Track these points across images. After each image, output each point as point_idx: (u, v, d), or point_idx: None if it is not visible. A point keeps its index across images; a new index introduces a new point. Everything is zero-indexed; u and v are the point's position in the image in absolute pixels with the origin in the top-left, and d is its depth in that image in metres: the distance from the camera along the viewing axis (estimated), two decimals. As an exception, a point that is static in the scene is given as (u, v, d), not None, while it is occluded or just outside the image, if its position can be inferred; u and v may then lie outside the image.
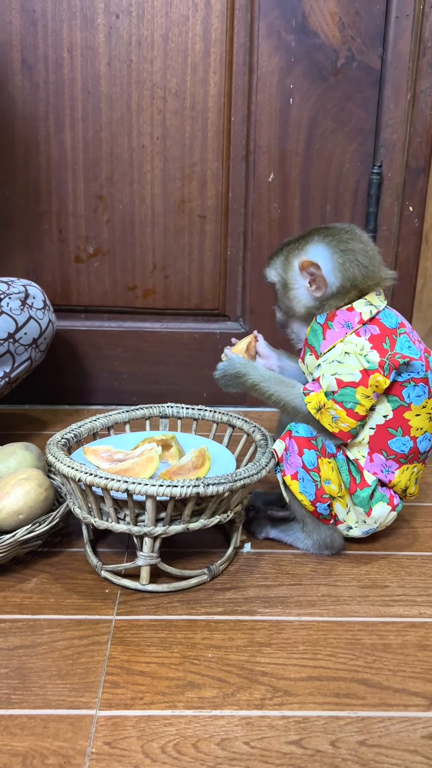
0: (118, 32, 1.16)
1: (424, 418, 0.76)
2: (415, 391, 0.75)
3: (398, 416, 0.75)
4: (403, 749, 0.53)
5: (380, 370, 0.72)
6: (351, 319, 0.75)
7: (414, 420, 0.75)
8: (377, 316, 0.75)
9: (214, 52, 1.17)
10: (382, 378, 0.72)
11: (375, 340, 0.73)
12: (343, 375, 0.73)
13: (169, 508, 0.68)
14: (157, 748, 0.52)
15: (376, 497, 0.77)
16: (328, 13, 1.15)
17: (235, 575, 0.76)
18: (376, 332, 0.74)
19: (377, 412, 0.75)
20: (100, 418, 0.88)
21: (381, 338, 0.74)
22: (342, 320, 0.75)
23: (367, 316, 0.74)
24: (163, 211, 1.25)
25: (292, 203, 1.24)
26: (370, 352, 0.73)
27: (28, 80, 1.18)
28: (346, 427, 0.74)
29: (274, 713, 0.56)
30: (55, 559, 0.79)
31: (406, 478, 0.78)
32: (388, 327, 0.75)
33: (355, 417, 0.73)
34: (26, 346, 1.02)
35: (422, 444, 0.77)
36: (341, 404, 0.73)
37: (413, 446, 0.76)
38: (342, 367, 0.73)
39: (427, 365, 0.76)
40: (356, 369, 0.73)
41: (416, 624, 0.68)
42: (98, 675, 0.60)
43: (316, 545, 0.80)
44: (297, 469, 0.76)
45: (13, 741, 0.53)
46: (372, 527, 0.79)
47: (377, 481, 0.77)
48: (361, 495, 0.76)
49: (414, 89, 1.18)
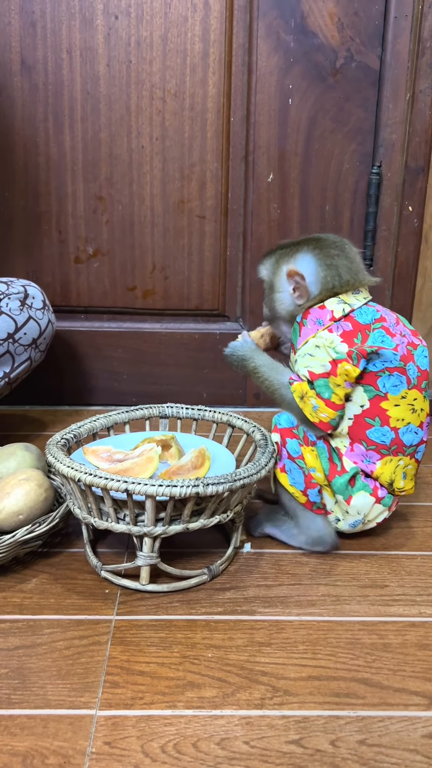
0: (117, 33, 1.16)
1: (404, 409, 0.77)
2: (391, 381, 0.76)
3: (375, 406, 0.76)
4: (403, 748, 0.53)
5: (348, 359, 0.75)
6: (322, 316, 0.78)
7: (393, 410, 0.76)
8: (351, 314, 0.77)
9: (213, 53, 1.17)
10: (350, 366, 0.74)
11: (346, 336, 0.76)
12: (315, 367, 0.76)
13: (168, 508, 0.68)
14: (156, 748, 0.52)
15: (358, 486, 0.78)
16: (327, 14, 1.15)
17: (235, 575, 0.76)
18: (349, 328, 0.76)
19: (354, 402, 0.77)
20: (99, 418, 0.88)
21: (353, 334, 0.76)
22: (314, 318, 0.78)
23: (339, 313, 0.77)
24: (163, 211, 1.25)
25: (291, 203, 1.24)
26: (339, 344, 0.75)
27: (27, 81, 1.18)
28: (326, 417, 0.76)
29: (274, 713, 0.56)
30: (55, 559, 0.79)
31: (389, 470, 0.78)
32: (362, 323, 0.77)
33: (333, 407, 0.76)
34: (26, 346, 1.02)
35: (406, 436, 0.77)
36: (319, 395, 0.76)
37: (395, 437, 0.77)
38: (313, 360, 0.76)
39: (409, 357, 0.77)
40: (326, 360, 0.75)
41: (416, 623, 0.68)
42: (98, 675, 0.60)
43: (309, 541, 0.81)
44: (284, 461, 0.78)
45: (13, 741, 0.53)
46: (357, 519, 0.80)
47: (358, 469, 0.78)
48: (339, 481, 0.78)
49: (413, 89, 1.18)
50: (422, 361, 0.78)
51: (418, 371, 0.77)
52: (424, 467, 1.08)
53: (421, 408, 0.78)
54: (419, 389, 0.78)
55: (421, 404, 0.78)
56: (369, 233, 1.24)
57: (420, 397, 0.78)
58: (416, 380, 0.77)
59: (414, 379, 0.77)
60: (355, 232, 1.25)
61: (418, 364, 0.78)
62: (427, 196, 1.24)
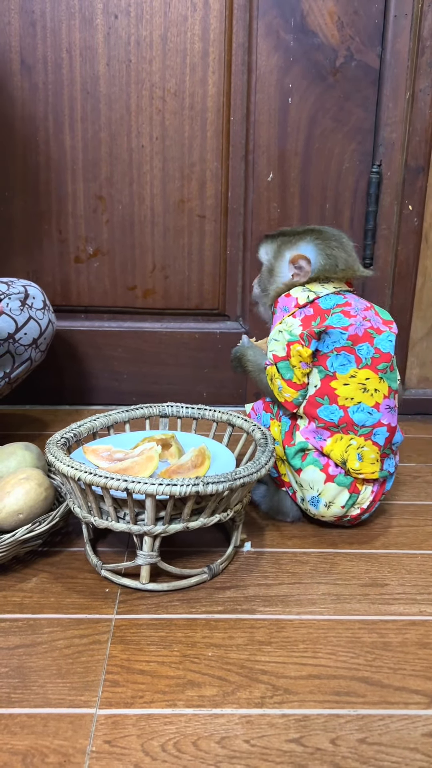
0: (117, 32, 1.16)
1: (354, 388, 0.79)
2: (338, 360, 0.79)
3: (325, 385, 0.80)
4: (403, 747, 0.53)
5: (300, 340, 0.79)
6: (288, 303, 0.84)
7: (341, 389, 0.79)
8: (316, 301, 0.82)
9: (213, 52, 1.17)
10: (301, 347, 0.79)
11: (306, 320, 0.81)
12: (278, 351, 0.81)
13: (168, 506, 0.68)
14: (157, 747, 0.52)
15: (308, 460, 0.81)
16: (326, 13, 1.15)
17: (235, 574, 0.76)
18: (310, 313, 0.81)
19: (310, 384, 0.81)
20: (99, 417, 0.88)
21: (313, 318, 0.81)
22: (282, 305, 0.85)
23: (303, 300, 0.82)
24: (163, 211, 1.25)
25: (291, 203, 1.24)
26: (296, 328, 0.80)
27: (27, 81, 1.18)
28: (289, 396, 0.81)
29: (274, 711, 0.56)
30: (56, 558, 0.79)
31: (340, 448, 0.79)
32: (323, 308, 0.81)
33: (294, 387, 0.81)
34: (26, 346, 1.02)
35: (357, 416, 0.79)
36: (281, 376, 0.81)
37: (344, 416, 0.79)
38: (276, 345, 0.81)
39: (364, 339, 0.79)
40: (284, 343, 0.81)
41: (416, 622, 0.68)
42: (98, 674, 0.60)
43: (271, 508, 0.89)
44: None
45: (14, 740, 0.53)
46: (313, 494, 0.81)
47: (307, 444, 0.81)
48: (289, 451, 0.82)
49: (413, 88, 1.18)
50: (384, 345, 0.80)
51: (375, 353, 0.79)
52: (424, 466, 1.08)
53: (375, 388, 0.80)
54: (373, 369, 0.80)
55: (375, 385, 0.80)
56: (369, 232, 1.24)
57: (374, 377, 0.80)
58: (369, 360, 0.79)
59: (366, 359, 0.79)
60: (355, 231, 1.25)
61: (378, 347, 0.80)
62: (427, 195, 1.24)
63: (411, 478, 1.03)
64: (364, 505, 0.82)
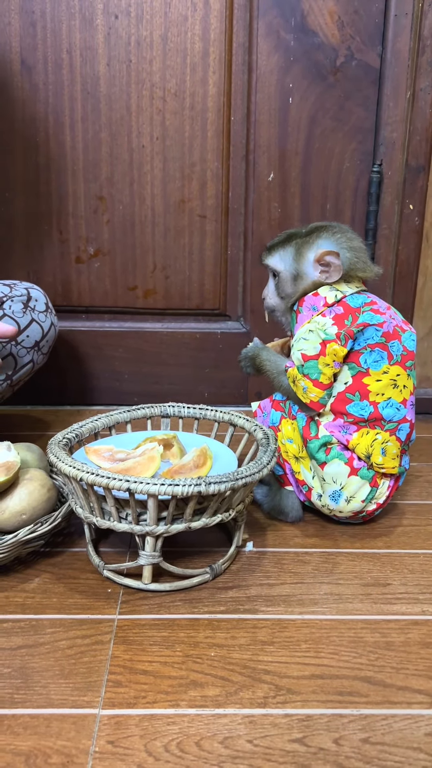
0: (117, 33, 1.16)
1: (386, 384, 0.80)
2: (372, 357, 0.80)
3: (357, 382, 0.80)
4: (406, 747, 0.53)
5: (337, 339, 0.79)
6: (316, 302, 0.82)
7: (373, 385, 0.80)
8: (344, 299, 0.81)
9: (213, 52, 1.17)
10: (338, 346, 0.78)
11: (338, 318, 0.80)
12: (308, 350, 0.80)
13: (170, 507, 0.68)
14: (160, 747, 0.52)
15: (332, 454, 0.81)
16: (327, 12, 1.15)
17: (238, 574, 0.76)
18: (340, 312, 0.80)
19: (339, 381, 0.81)
20: (101, 417, 0.88)
21: (344, 316, 0.80)
22: (309, 304, 0.83)
23: (331, 299, 0.81)
24: (164, 211, 1.25)
25: (292, 202, 1.24)
26: (330, 327, 0.79)
27: (27, 81, 1.18)
28: (315, 396, 0.80)
29: (277, 711, 0.56)
30: (58, 559, 0.79)
31: (366, 442, 0.80)
32: (353, 306, 0.81)
33: (321, 387, 0.80)
34: (28, 348, 1.02)
35: (386, 411, 0.80)
36: (308, 376, 0.80)
37: (374, 411, 0.80)
38: (306, 344, 0.80)
39: (395, 336, 0.80)
40: (317, 342, 0.79)
41: (419, 622, 0.68)
42: (101, 674, 0.60)
43: (272, 508, 0.88)
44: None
45: (17, 740, 0.53)
46: (335, 488, 0.81)
47: (332, 438, 0.81)
48: (311, 445, 0.81)
49: (413, 87, 1.18)
50: (409, 344, 0.82)
51: (403, 350, 0.81)
52: (426, 465, 1.08)
53: (404, 385, 0.81)
54: (403, 366, 0.81)
55: (404, 381, 0.81)
56: (370, 232, 1.24)
57: (403, 374, 0.81)
58: (400, 357, 0.80)
59: (397, 356, 0.80)
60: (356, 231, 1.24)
61: (405, 344, 0.81)
62: (428, 195, 1.24)
63: (413, 478, 1.03)
64: (380, 500, 0.83)
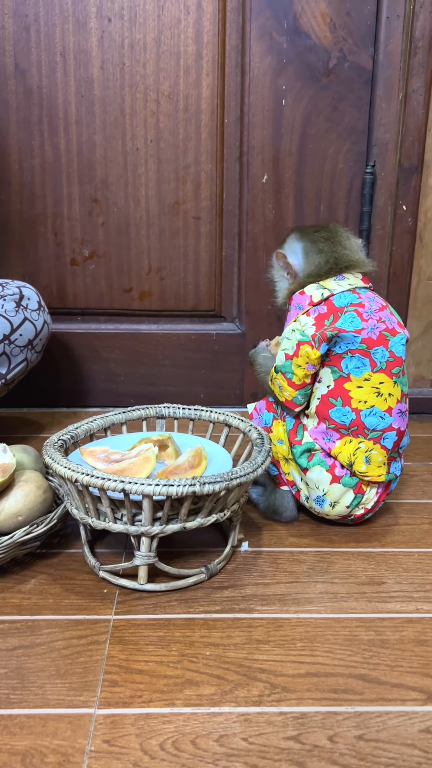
0: (111, 36, 1.17)
1: (368, 392, 0.79)
2: (353, 362, 0.79)
3: (338, 386, 0.79)
4: (400, 743, 0.53)
5: (311, 341, 0.78)
6: (302, 301, 0.83)
7: (355, 391, 0.79)
8: (331, 298, 0.81)
9: (207, 54, 1.18)
10: (311, 349, 0.78)
11: (319, 318, 0.80)
12: (288, 349, 0.81)
13: (165, 507, 0.68)
14: (155, 746, 0.52)
15: (315, 461, 0.81)
16: (319, 14, 1.15)
17: (233, 574, 0.76)
18: (324, 311, 0.80)
19: (322, 383, 0.81)
20: (96, 419, 0.88)
21: (326, 316, 0.80)
22: (296, 303, 0.84)
23: (317, 298, 0.81)
24: (158, 213, 1.26)
25: (286, 203, 1.24)
26: (309, 327, 0.79)
27: (21, 85, 1.18)
28: (288, 395, 0.81)
29: (272, 709, 0.56)
30: (54, 560, 0.79)
31: (348, 451, 0.79)
32: (337, 306, 0.80)
33: (294, 387, 0.81)
34: (22, 347, 1.02)
35: (369, 420, 0.79)
36: (283, 375, 0.81)
37: (356, 419, 0.79)
38: (288, 343, 0.81)
39: (379, 342, 0.78)
40: (295, 342, 0.80)
41: (413, 620, 0.68)
42: (97, 674, 0.60)
43: (267, 508, 0.88)
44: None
45: (13, 740, 0.53)
46: (318, 494, 0.82)
47: (314, 445, 0.81)
48: (296, 450, 0.82)
49: (406, 89, 1.18)
50: (397, 349, 0.80)
51: (389, 356, 0.79)
52: (420, 465, 1.08)
53: (389, 393, 0.79)
54: (388, 374, 0.79)
55: (389, 389, 0.79)
56: (364, 232, 1.25)
57: (388, 382, 0.79)
58: (384, 364, 0.79)
59: (381, 363, 0.79)
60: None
61: (392, 350, 0.79)
62: (421, 195, 1.25)
63: (408, 477, 1.04)
64: (368, 506, 0.83)
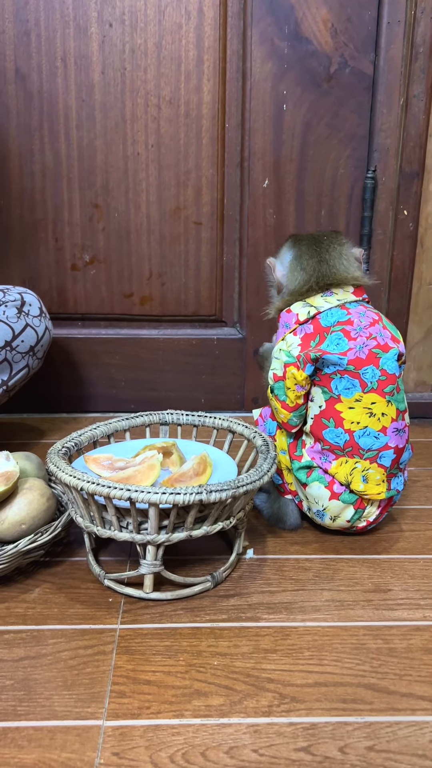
0: (112, 41, 1.16)
1: (360, 412, 0.77)
2: (342, 383, 0.77)
3: (330, 407, 0.78)
4: (411, 753, 0.53)
5: (296, 363, 0.77)
6: (289, 320, 0.82)
7: (347, 413, 0.77)
8: (318, 316, 0.79)
9: (208, 60, 1.18)
10: (296, 371, 0.77)
11: (306, 339, 0.79)
12: (277, 370, 0.80)
13: (171, 515, 0.68)
14: (165, 758, 0.52)
15: (313, 477, 0.81)
16: (320, 20, 1.15)
17: (239, 582, 0.76)
18: (310, 331, 0.79)
19: (314, 403, 0.80)
20: (100, 426, 0.88)
21: (312, 336, 0.79)
22: (283, 321, 0.83)
23: (303, 316, 0.80)
24: (159, 218, 1.25)
25: (287, 209, 1.24)
26: (295, 348, 0.78)
27: (22, 90, 1.18)
28: (284, 417, 0.81)
29: (281, 720, 0.56)
30: (58, 568, 0.78)
31: (345, 471, 0.78)
32: (323, 326, 0.79)
33: (287, 409, 0.80)
34: (23, 354, 1.02)
35: (363, 440, 0.77)
36: (277, 397, 0.80)
37: (349, 440, 0.78)
38: (276, 363, 0.80)
39: (369, 361, 0.76)
40: (282, 363, 0.79)
41: (421, 627, 0.68)
42: (104, 685, 0.59)
43: (271, 515, 0.88)
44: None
45: (21, 753, 0.52)
46: (318, 508, 0.82)
47: (313, 464, 0.81)
48: (296, 465, 0.82)
49: (406, 94, 1.19)
50: (389, 366, 0.77)
51: (381, 375, 0.76)
52: (423, 470, 1.08)
53: (382, 413, 0.77)
54: (380, 393, 0.76)
55: (383, 409, 0.77)
56: (365, 237, 1.25)
57: (381, 401, 0.77)
58: (376, 383, 0.76)
59: (372, 383, 0.76)
60: (350, 237, 1.25)
61: (384, 368, 0.76)
62: (422, 200, 1.25)
63: (411, 482, 1.03)
64: (370, 519, 0.82)
